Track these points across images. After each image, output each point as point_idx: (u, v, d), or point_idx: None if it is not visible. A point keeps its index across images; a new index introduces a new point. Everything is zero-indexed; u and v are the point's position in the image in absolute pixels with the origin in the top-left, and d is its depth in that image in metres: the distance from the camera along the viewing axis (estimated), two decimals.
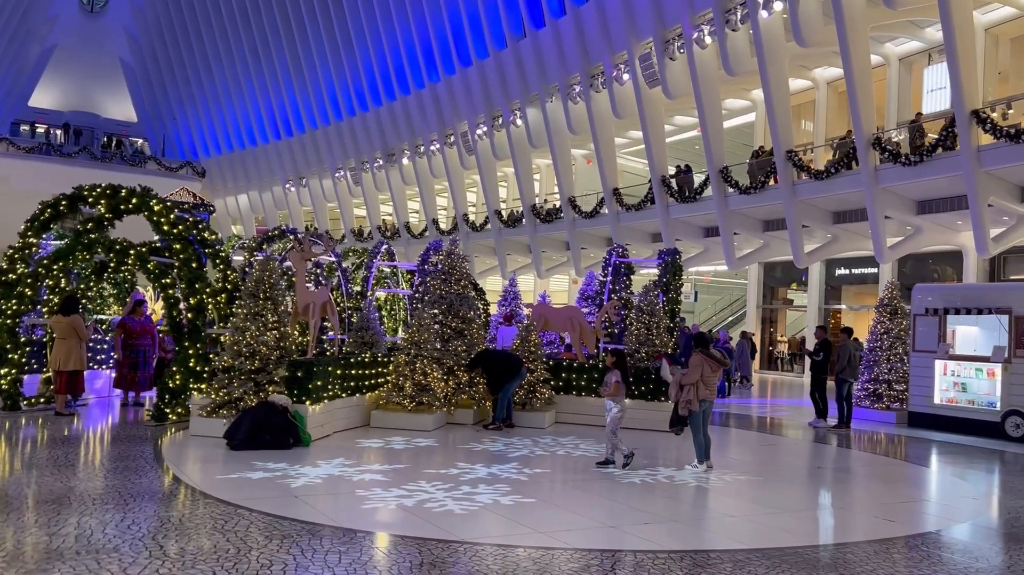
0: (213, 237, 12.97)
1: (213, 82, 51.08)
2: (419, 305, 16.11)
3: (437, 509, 7.71)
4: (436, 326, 13.58)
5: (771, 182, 26.05)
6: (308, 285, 15.54)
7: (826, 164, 24.42)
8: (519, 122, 34.00)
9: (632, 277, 17.36)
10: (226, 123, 52.28)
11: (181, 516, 7.09)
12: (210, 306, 12.79)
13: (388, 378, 13.19)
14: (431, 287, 14.12)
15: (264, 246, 16.74)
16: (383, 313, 19.27)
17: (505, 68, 34.00)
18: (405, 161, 40.95)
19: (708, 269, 33.17)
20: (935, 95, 26.15)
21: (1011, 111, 22.52)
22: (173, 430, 11.77)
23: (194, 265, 12.30)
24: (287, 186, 49.40)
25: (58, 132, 50.69)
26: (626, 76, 29.16)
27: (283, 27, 44.41)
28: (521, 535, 7.00)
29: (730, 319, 38.53)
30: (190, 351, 12.13)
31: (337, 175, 45.55)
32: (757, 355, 29.14)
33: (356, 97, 42.38)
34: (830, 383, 15.72)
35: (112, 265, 13.01)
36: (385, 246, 18.08)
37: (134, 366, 13.75)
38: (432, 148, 38.84)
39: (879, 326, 17.09)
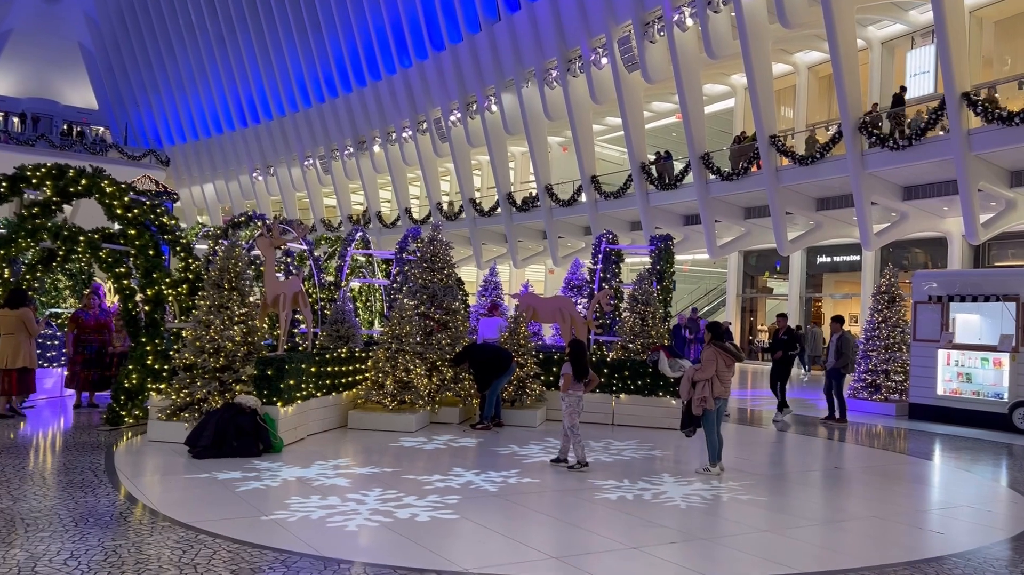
0: (173, 222, 11.69)
1: (177, 68, 49.10)
2: (399, 295, 14.97)
3: (423, 529, 6.63)
4: (417, 318, 12.45)
5: (753, 168, 25.25)
6: (278, 275, 14.32)
7: (808, 141, 23.57)
8: (494, 108, 32.84)
9: (620, 265, 16.35)
10: (191, 110, 50.35)
11: (132, 545, 5.92)
12: (170, 298, 11.54)
13: (367, 375, 12.05)
14: (412, 276, 12.98)
15: (230, 233, 15.43)
16: (358, 304, 18.08)
17: (479, 52, 32.78)
18: (376, 149, 39.58)
19: (687, 258, 32.32)
20: (919, 79, 25.46)
21: (996, 95, 21.82)
22: (129, 435, 10.53)
23: (151, 253, 11.03)
24: (254, 175, 47.71)
25: (15, 119, 48.41)
26: (604, 60, 28.14)
27: (249, 10, 42.68)
28: (532, 565, 5.95)
29: (706, 309, 37.78)
30: (147, 347, 10.87)
31: (306, 163, 44.01)
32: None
33: (325, 83, 40.85)
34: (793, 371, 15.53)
35: (61, 253, 11.68)
36: (360, 233, 16.86)
37: (87, 364, 12.42)
38: (404, 135, 37.53)
39: (876, 314, 16.26)
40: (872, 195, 22.67)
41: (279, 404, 9.90)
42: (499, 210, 34.14)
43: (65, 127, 50.07)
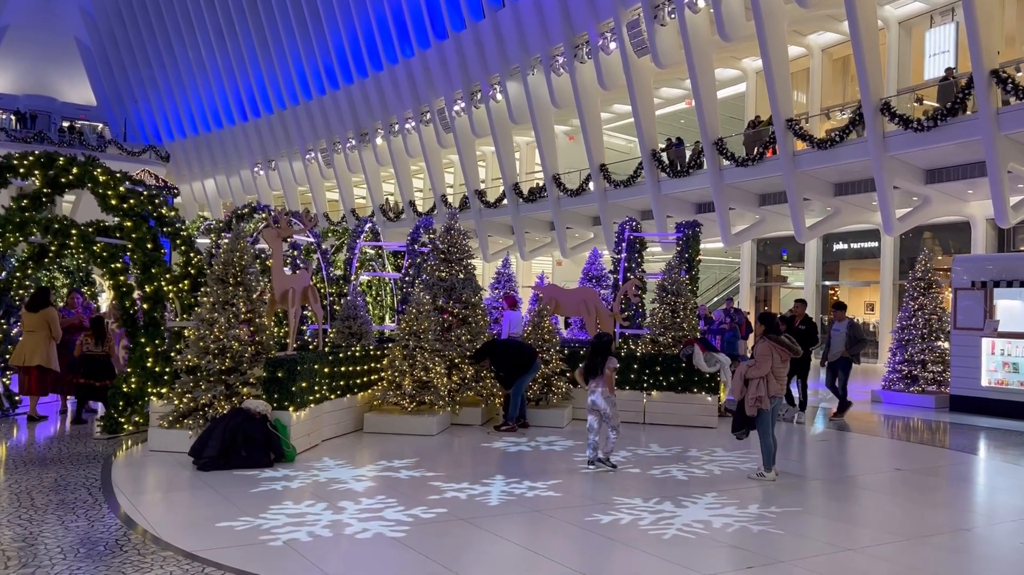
0: (172, 214, 10.76)
1: (175, 62, 47.98)
2: (412, 289, 14.05)
3: (452, 549, 5.75)
4: (435, 313, 11.53)
5: (768, 153, 24.30)
6: (285, 269, 13.41)
7: (828, 132, 22.62)
8: (499, 97, 31.81)
9: (643, 254, 15.42)
10: (190, 105, 49.26)
11: None
12: (171, 295, 10.63)
13: (383, 375, 11.14)
14: (428, 269, 12.06)
15: (233, 225, 14.47)
16: (368, 299, 17.16)
17: (483, 40, 31.74)
18: (379, 141, 38.54)
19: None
20: (937, 59, 24.46)
21: (1020, 74, 20.83)
22: (129, 444, 9.64)
23: (149, 246, 10.11)
24: (256, 169, 46.67)
25: (12, 117, 47.32)
26: (613, 45, 27.12)
27: (248, 2, 41.59)
28: None
29: (715, 299, 36.85)
30: (147, 348, 9.96)
31: (308, 157, 42.97)
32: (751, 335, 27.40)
33: (326, 74, 39.80)
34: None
35: (53, 248, 10.76)
36: (369, 224, 15.91)
37: (70, 366, 11.44)
38: (407, 126, 36.49)
39: (912, 302, 15.36)
40: (894, 179, 21.74)
41: (291, 409, 9.01)
42: (505, 201, 33.16)
43: (67, 125, 48.90)
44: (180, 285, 10.63)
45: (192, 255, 10.70)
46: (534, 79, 30.30)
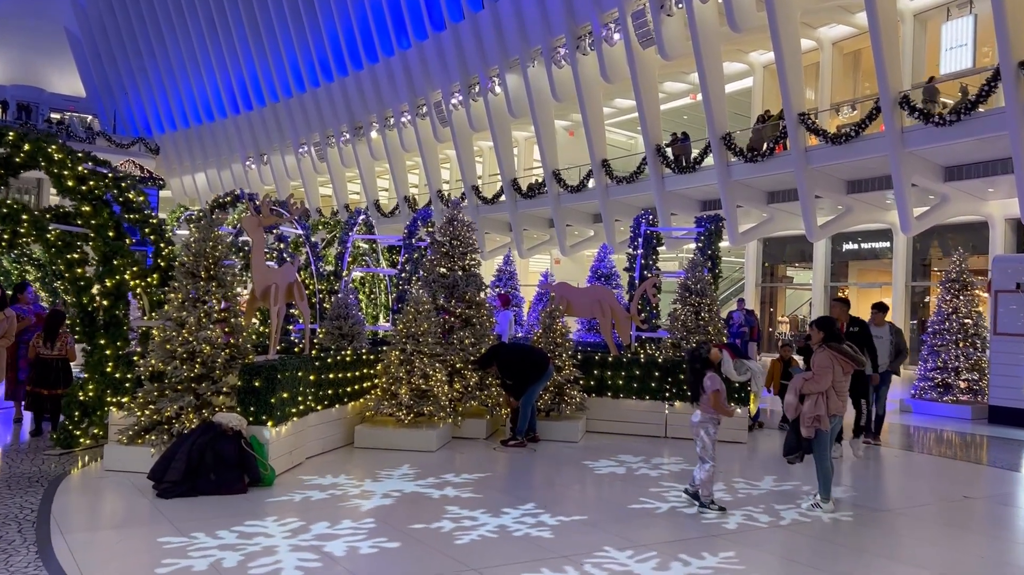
0: (141, 198, 9.39)
1: (166, 53, 46.39)
2: (409, 287, 12.72)
3: None
4: (436, 313, 10.21)
5: (778, 149, 23.06)
6: (270, 263, 12.05)
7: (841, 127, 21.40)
8: (497, 90, 30.46)
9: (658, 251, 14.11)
10: (181, 97, 47.66)
11: None
12: (138, 290, 9.26)
13: (376, 382, 9.80)
14: (428, 264, 10.72)
15: (215, 215, 13.10)
16: (360, 297, 15.83)
17: (482, 31, 30.38)
18: (374, 134, 37.11)
19: None
20: (955, 53, 23.25)
21: None
22: (85, 461, 8.27)
23: (111, 234, 8.74)
24: (247, 163, 45.13)
25: None
26: (616, 36, 25.82)
27: None
28: None
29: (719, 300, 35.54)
30: (107, 351, 8.59)
31: (300, 151, 41.50)
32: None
33: (320, 66, 38.32)
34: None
35: (6, 236, 9.36)
36: (363, 216, 14.56)
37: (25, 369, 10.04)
38: (403, 120, 35.09)
39: (945, 304, 14.11)
40: (912, 175, 20.51)
41: (270, 423, 7.65)
42: (503, 197, 31.83)
43: (59, 117, 47.20)
44: (149, 279, 9.26)
45: (163, 245, 9.33)
46: (534, 71, 28.98)
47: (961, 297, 13.97)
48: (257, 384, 7.66)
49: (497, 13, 29.48)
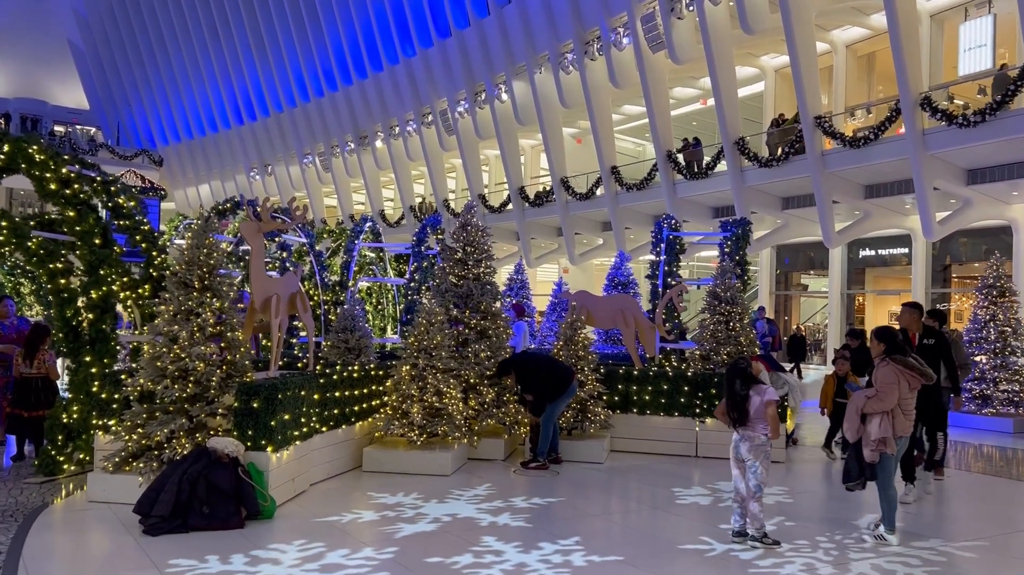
0: (131, 204, 8.64)
1: (170, 64, 45.79)
2: (417, 296, 11.95)
3: None
4: (449, 325, 9.43)
5: (794, 153, 22.29)
6: (272, 273, 11.30)
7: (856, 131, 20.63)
8: (504, 97, 29.73)
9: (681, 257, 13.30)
10: (184, 108, 47.03)
11: None
12: (128, 302, 8.50)
13: (386, 399, 9.01)
14: (440, 272, 9.95)
15: (213, 222, 12.33)
16: (368, 308, 15.06)
17: (488, 38, 29.69)
18: (379, 144, 36.40)
19: (712, 254, 29.20)
20: (973, 54, 22.48)
21: None
22: (71, 489, 7.49)
23: (97, 242, 7.98)
24: (251, 174, 44.44)
25: (1, 121, 45.00)
26: (626, 40, 25.10)
27: (243, 1, 39.51)
28: None
29: None
30: (93, 369, 7.82)
31: (305, 161, 40.81)
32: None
33: (324, 76, 37.67)
34: None
35: None
36: (369, 223, 13.81)
37: (5, 389, 9.22)
38: (408, 129, 34.37)
39: (981, 311, 13.30)
40: (934, 179, 19.72)
41: (270, 449, 6.87)
42: (510, 206, 31.06)
43: (63, 130, 46.50)
44: (140, 290, 8.50)
45: (155, 254, 8.57)
46: (541, 78, 28.27)
47: (999, 303, 13.16)
48: (256, 405, 6.88)
49: (503, 19, 28.81)
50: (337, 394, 8.33)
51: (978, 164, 19.86)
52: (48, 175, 7.83)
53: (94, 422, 7.59)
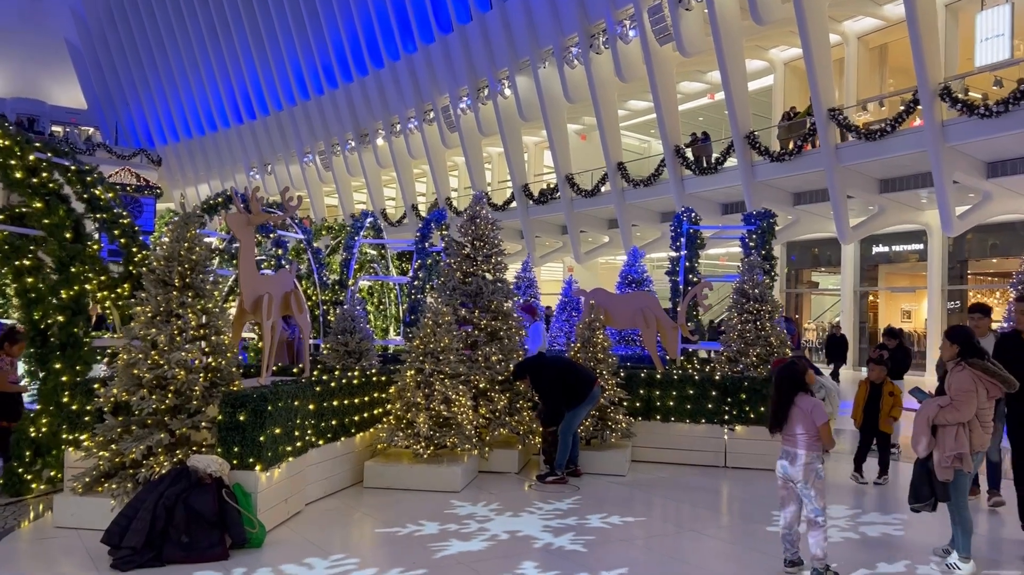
0: (110, 195, 7.81)
1: (168, 63, 44.94)
2: (421, 295, 11.11)
3: None
4: (457, 326, 8.59)
5: (805, 147, 21.47)
6: (266, 271, 10.46)
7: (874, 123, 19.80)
8: (507, 92, 28.90)
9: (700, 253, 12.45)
10: (183, 107, 46.18)
11: None
12: (107, 303, 7.67)
13: (389, 408, 8.17)
14: (446, 269, 9.11)
15: (205, 220, 11.49)
16: (369, 308, 14.23)
17: (491, 33, 28.84)
18: (380, 141, 35.57)
19: (720, 251, 28.41)
20: (990, 44, 21.64)
21: None
22: (39, 510, 6.66)
23: (68, 236, 7.15)
24: (251, 173, 43.58)
25: None
26: (632, 33, 24.27)
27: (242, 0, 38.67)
28: None
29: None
30: (63, 378, 6.98)
31: (305, 160, 39.98)
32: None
33: (324, 73, 36.83)
34: None
35: None
36: (370, 219, 12.96)
37: None
38: (410, 126, 33.53)
39: (1018, 312, 12.40)
40: (953, 172, 18.90)
41: (258, 468, 6.03)
42: (514, 203, 30.23)
43: (58, 130, 45.70)
44: (118, 290, 7.66)
45: (135, 249, 7.73)
46: (546, 72, 27.43)
47: None
48: (242, 418, 6.04)
49: (506, 13, 27.98)
50: (335, 403, 7.49)
51: (999, 156, 19.06)
52: (13, 162, 7.00)
53: (64, 436, 6.75)
